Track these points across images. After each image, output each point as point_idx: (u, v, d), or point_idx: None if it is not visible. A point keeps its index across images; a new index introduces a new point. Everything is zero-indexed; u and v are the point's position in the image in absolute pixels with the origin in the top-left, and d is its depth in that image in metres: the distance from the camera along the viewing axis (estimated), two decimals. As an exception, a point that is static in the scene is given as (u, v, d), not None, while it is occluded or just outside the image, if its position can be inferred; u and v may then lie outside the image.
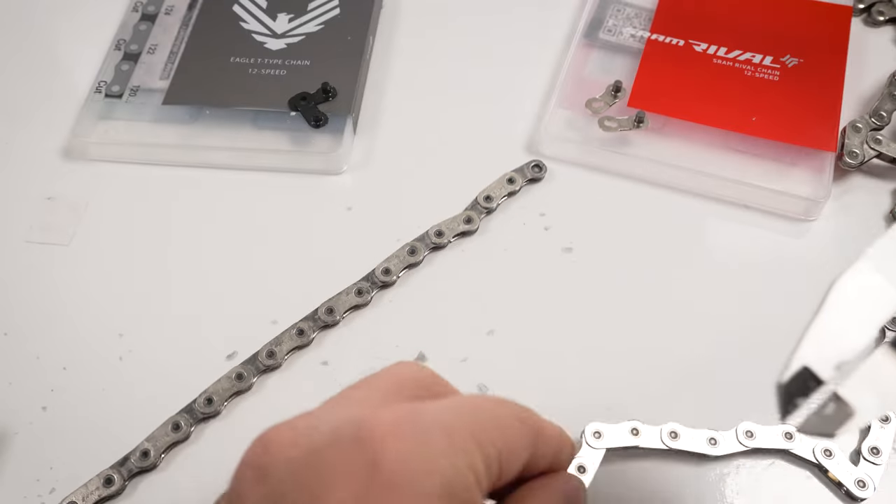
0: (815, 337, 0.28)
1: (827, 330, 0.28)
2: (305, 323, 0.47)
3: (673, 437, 0.43)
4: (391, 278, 0.48)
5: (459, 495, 0.26)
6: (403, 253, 0.49)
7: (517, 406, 0.30)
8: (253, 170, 0.54)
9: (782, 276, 0.50)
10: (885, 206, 0.52)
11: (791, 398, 0.28)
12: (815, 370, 0.28)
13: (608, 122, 0.53)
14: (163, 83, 0.56)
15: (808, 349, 0.28)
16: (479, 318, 0.49)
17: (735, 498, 0.42)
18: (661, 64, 0.56)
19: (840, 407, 0.27)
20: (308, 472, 0.25)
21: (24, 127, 0.57)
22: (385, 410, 0.27)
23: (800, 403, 0.28)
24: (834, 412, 0.28)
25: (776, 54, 0.56)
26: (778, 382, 0.28)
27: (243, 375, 0.45)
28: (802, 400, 0.28)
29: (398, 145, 0.56)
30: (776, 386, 0.28)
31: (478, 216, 0.51)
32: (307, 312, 0.48)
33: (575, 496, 0.32)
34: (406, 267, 0.49)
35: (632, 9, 0.60)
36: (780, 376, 0.28)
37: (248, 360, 0.46)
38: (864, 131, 0.53)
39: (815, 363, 0.28)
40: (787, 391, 0.28)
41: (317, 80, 0.55)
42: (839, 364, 0.28)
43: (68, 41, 0.62)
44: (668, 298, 0.49)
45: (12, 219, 0.53)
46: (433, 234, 0.50)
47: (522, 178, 0.53)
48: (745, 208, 0.52)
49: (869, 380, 0.27)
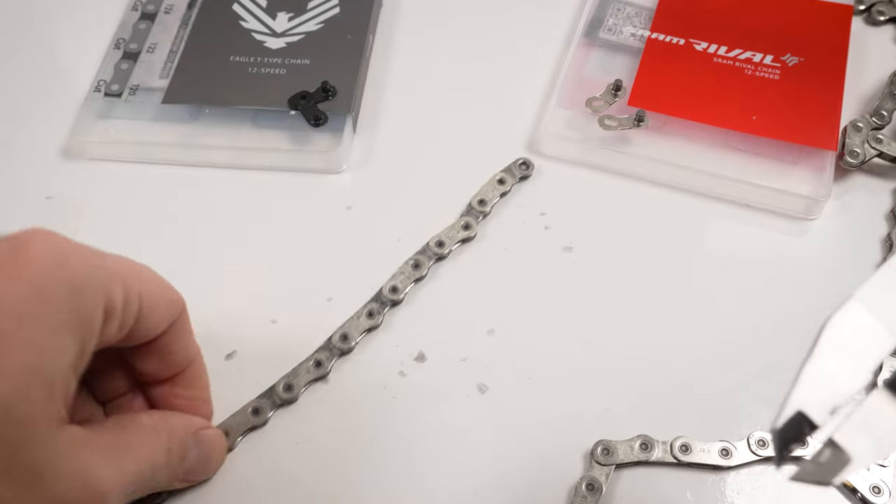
0: (809, 379, 0.27)
1: (821, 371, 0.27)
2: (322, 353, 0.46)
3: (684, 451, 0.43)
4: (399, 296, 0.48)
5: (88, 297, 0.31)
6: (408, 268, 0.49)
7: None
8: (252, 169, 0.54)
9: (783, 275, 0.50)
10: (886, 206, 0.52)
11: (786, 444, 0.27)
12: (810, 414, 0.27)
13: (608, 121, 0.53)
14: (162, 82, 0.56)
15: (803, 392, 0.27)
16: (480, 318, 0.48)
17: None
18: (661, 63, 0.56)
19: (836, 454, 0.26)
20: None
21: (23, 126, 0.57)
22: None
23: (795, 449, 0.27)
24: (830, 460, 0.26)
25: (777, 53, 0.56)
26: (772, 428, 0.27)
27: (259, 410, 0.44)
28: (798, 446, 0.27)
29: (398, 144, 0.55)
30: (771, 431, 0.28)
31: (475, 221, 0.51)
32: (307, 312, 0.48)
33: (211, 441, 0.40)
34: (413, 281, 0.49)
35: (632, 8, 0.60)
36: (774, 422, 0.27)
37: (264, 394, 0.45)
38: (864, 130, 0.53)
39: (809, 407, 0.27)
40: (781, 437, 0.27)
41: (317, 79, 0.55)
42: (834, 407, 0.27)
43: (68, 40, 0.62)
44: (668, 297, 0.49)
45: (12, 218, 0.52)
46: (434, 244, 0.50)
47: (512, 178, 0.52)
48: (746, 207, 0.52)
49: (865, 424, 0.26)
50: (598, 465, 0.42)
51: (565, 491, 0.43)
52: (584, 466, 0.43)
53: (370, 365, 0.47)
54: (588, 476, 0.42)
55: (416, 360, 0.47)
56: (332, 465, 0.44)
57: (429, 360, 0.47)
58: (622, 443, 0.43)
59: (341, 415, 0.45)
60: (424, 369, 0.47)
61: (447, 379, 0.46)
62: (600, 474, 0.42)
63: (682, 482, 0.43)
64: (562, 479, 0.43)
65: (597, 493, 0.42)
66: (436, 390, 0.46)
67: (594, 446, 0.43)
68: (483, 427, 0.45)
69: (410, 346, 0.47)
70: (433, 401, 0.46)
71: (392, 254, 0.50)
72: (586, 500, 0.41)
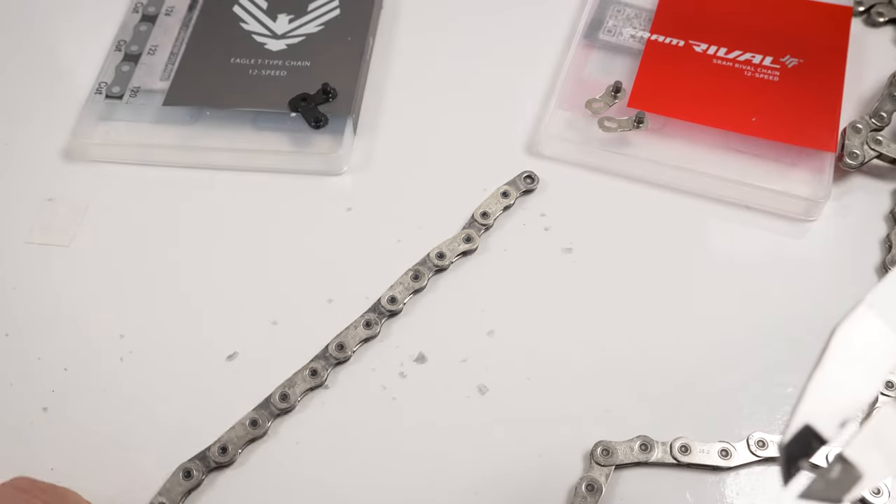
0: (818, 390, 0.26)
1: (830, 381, 0.26)
2: (318, 363, 0.46)
3: (684, 452, 0.43)
4: (397, 307, 0.48)
5: None
6: (408, 279, 0.49)
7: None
8: (253, 171, 0.54)
9: (782, 276, 0.50)
10: (885, 207, 0.52)
11: (793, 460, 0.25)
12: (818, 429, 0.25)
13: (608, 123, 0.53)
14: (163, 84, 0.56)
15: (811, 403, 0.25)
16: (480, 319, 0.49)
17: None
18: (661, 64, 0.56)
19: (845, 470, 0.25)
20: None
21: (24, 128, 0.57)
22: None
23: (803, 466, 0.25)
24: (839, 476, 0.25)
25: (776, 55, 0.56)
26: (779, 444, 0.26)
27: (258, 422, 0.44)
28: (805, 462, 0.25)
29: (398, 146, 0.56)
30: (778, 447, 0.26)
31: (477, 234, 0.51)
32: (307, 312, 0.48)
33: None
34: (412, 293, 0.49)
35: (632, 9, 0.60)
36: (781, 438, 0.26)
37: (261, 405, 0.45)
38: (864, 132, 0.53)
39: (817, 421, 0.25)
40: (788, 453, 0.25)
41: (317, 81, 0.55)
42: (843, 421, 0.25)
43: (69, 42, 0.62)
44: (667, 298, 0.49)
45: (13, 220, 0.53)
46: (434, 256, 0.50)
47: (516, 191, 0.52)
48: (746, 209, 0.52)
49: (874, 439, 0.25)
50: (598, 465, 0.43)
51: (565, 491, 0.43)
52: (584, 467, 0.43)
53: (370, 366, 0.47)
54: (588, 476, 0.42)
55: (417, 361, 0.47)
56: (332, 466, 0.44)
57: (429, 361, 0.47)
58: (622, 443, 0.43)
59: (341, 416, 0.45)
60: (425, 370, 0.47)
61: (447, 380, 0.46)
62: (600, 475, 0.42)
63: (681, 483, 0.43)
64: (562, 480, 0.43)
65: (597, 494, 0.42)
66: (436, 391, 0.46)
67: (594, 447, 0.43)
68: (483, 428, 0.45)
69: (411, 347, 0.47)
70: (433, 401, 0.46)
71: (392, 255, 0.50)
72: (586, 500, 0.42)
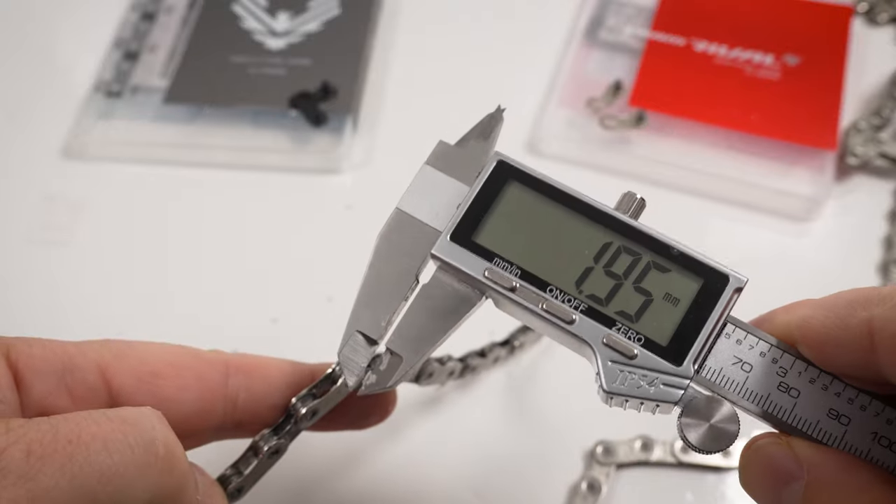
0: None
1: None
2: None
3: (685, 451, 0.43)
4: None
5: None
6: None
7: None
8: (253, 168, 0.54)
9: (783, 275, 0.50)
10: (886, 206, 0.52)
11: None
12: None
13: (608, 121, 0.53)
14: (163, 82, 0.56)
15: None
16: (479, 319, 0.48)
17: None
18: (661, 63, 0.56)
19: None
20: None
21: (23, 126, 0.57)
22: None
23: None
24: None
25: (777, 54, 0.56)
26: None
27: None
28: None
29: (398, 144, 0.55)
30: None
31: None
32: (307, 309, 0.48)
33: None
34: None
35: (632, 8, 0.60)
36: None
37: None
38: (865, 131, 0.53)
39: None
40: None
41: (317, 79, 0.55)
42: None
43: (68, 40, 0.62)
44: (668, 298, 0.49)
45: (12, 218, 0.52)
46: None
47: None
48: (746, 207, 0.52)
49: None
50: (599, 464, 0.42)
51: (565, 491, 0.43)
52: (584, 466, 0.43)
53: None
54: (588, 476, 0.42)
55: (416, 360, 0.47)
56: (331, 467, 0.44)
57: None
58: (622, 443, 0.43)
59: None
60: (424, 369, 0.47)
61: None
62: (600, 474, 0.42)
63: (682, 482, 0.43)
64: (562, 479, 0.43)
65: (597, 493, 0.42)
66: (436, 391, 0.46)
67: (594, 446, 0.43)
68: (483, 427, 0.45)
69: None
70: (433, 401, 0.46)
71: (392, 254, 0.50)
72: (586, 500, 0.41)
